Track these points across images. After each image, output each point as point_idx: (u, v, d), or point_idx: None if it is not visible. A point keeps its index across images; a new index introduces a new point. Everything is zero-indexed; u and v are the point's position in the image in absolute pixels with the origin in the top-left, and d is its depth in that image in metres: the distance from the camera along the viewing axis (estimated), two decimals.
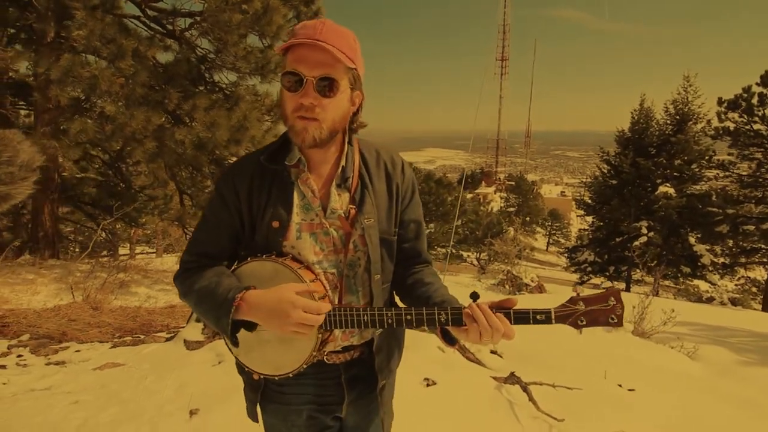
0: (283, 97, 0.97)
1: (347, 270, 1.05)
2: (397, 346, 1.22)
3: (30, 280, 5.59)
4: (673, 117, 18.21)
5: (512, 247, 13.68)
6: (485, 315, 0.90)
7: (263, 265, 1.01)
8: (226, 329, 0.95)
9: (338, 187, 1.05)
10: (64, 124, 6.18)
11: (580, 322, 0.90)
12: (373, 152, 1.12)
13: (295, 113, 0.94)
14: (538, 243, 42.36)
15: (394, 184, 1.10)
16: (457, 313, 0.94)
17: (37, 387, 2.74)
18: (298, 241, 1.02)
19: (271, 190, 1.02)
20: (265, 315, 0.93)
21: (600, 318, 0.90)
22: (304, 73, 0.92)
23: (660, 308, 5.56)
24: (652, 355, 4.54)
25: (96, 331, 4.23)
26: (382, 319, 0.96)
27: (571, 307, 0.90)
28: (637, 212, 18.11)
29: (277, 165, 1.02)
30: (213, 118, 6.12)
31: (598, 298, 0.90)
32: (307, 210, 1.03)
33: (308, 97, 0.92)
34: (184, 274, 1.06)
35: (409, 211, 1.15)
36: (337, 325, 0.98)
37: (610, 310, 0.90)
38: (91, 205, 9.94)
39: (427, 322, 0.95)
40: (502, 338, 0.90)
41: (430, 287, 1.08)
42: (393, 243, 1.11)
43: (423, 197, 26.78)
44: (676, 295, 15.18)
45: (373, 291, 1.07)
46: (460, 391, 2.85)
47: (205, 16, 6.38)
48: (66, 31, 6.10)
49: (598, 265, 19.14)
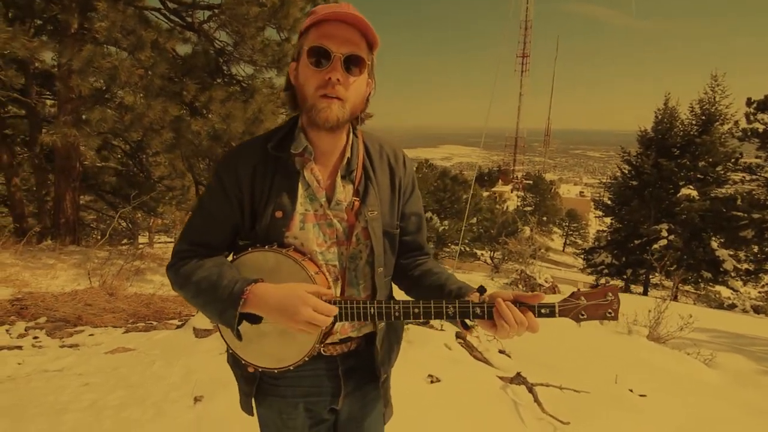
0: (303, 75, 0.94)
1: (349, 262, 1.04)
2: (396, 339, 1.21)
3: (50, 264, 5.75)
4: (699, 117, 17.64)
5: (527, 247, 13.51)
6: (511, 310, 0.91)
7: (265, 256, 0.98)
8: (231, 322, 0.92)
9: (343, 178, 1.03)
10: (85, 113, 6.32)
11: (581, 315, 0.96)
12: (376, 145, 1.10)
13: (319, 91, 0.92)
14: (554, 243, 41.77)
15: (396, 177, 1.09)
16: (465, 306, 0.94)
17: (51, 368, 2.82)
18: (302, 231, 1.00)
19: (274, 178, 0.99)
20: (274, 309, 0.91)
21: (598, 312, 0.96)
22: (333, 49, 0.90)
23: (677, 313, 5.42)
24: (666, 360, 4.43)
25: (110, 316, 4.33)
26: (390, 312, 0.96)
27: (574, 302, 0.96)
28: (657, 214, 17.66)
29: (282, 153, 1.00)
30: (229, 110, 6.18)
31: (598, 293, 0.96)
32: (312, 200, 1.01)
33: (336, 72, 0.90)
34: (178, 264, 1.01)
35: (410, 204, 1.14)
36: (343, 318, 0.96)
37: (608, 305, 0.96)
38: (111, 194, 10.20)
39: (435, 315, 0.95)
40: (527, 331, 0.92)
41: (440, 275, 1.08)
42: (395, 236, 1.10)
43: (438, 194, 26.65)
44: (697, 301, 14.76)
45: (376, 284, 1.06)
46: (464, 389, 2.82)
47: (223, 8, 6.43)
48: (89, 23, 6.24)
49: (615, 268, 18.76)
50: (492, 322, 0.93)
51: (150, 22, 6.52)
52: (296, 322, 0.89)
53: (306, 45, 0.93)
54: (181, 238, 1.04)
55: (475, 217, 25.31)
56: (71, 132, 5.75)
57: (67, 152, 7.01)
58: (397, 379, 2.73)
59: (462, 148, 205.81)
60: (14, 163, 7.89)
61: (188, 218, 1.07)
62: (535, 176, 53.50)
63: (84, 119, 6.29)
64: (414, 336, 3.67)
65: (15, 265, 5.37)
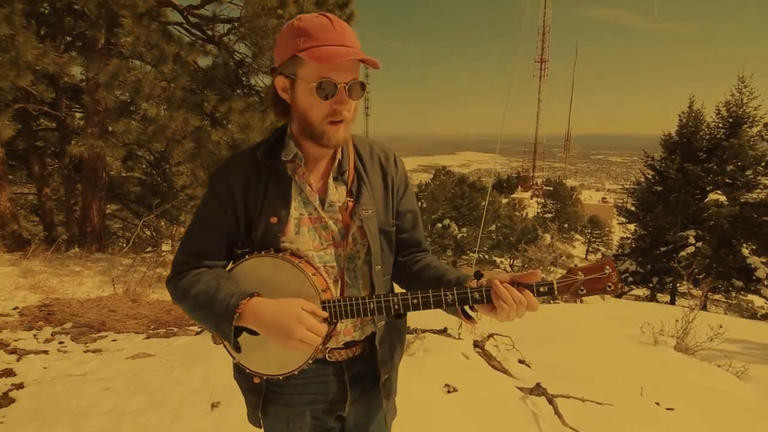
0: (310, 103, 0.95)
1: (347, 263, 1.04)
2: (399, 339, 1.19)
3: (77, 271, 5.94)
4: (726, 120, 17.06)
5: (547, 254, 13.27)
6: (509, 290, 0.92)
7: (263, 262, 0.99)
8: (228, 335, 0.93)
9: (335, 180, 1.05)
10: (111, 125, 6.55)
11: (581, 291, 0.95)
12: (366, 147, 1.12)
13: (327, 119, 0.95)
14: (576, 251, 40.85)
15: (389, 176, 1.11)
16: (463, 292, 0.94)
17: (74, 373, 2.90)
18: (297, 236, 1.01)
19: (267, 185, 1.01)
20: (269, 326, 0.91)
21: (598, 286, 0.95)
22: (337, 80, 0.92)
23: (706, 323, 5.21)
24: (695, 372, 4.24)
25: (133, 322, 4.43)
26: (389, 305, 0.96)
27: (572, 278, 0.95)
28: (683, 221, 17.09)
29: (273, 160, 1.02)
30: (247, 120, 6.31)
31: (595, 267, 0.95)
32: (306, 204, 1.02)
33: (344, 104, 0.94)
34: (177, 277, 1.02)
35: (404, 201, 1.15)
36: (343, 316, 0.96)
37: (606, 278, 0.94)
38: (136, 203, 10.51)
39: (434, 304, 0.95)
40: (527, 311, 0.93)
41: (438, 268, 1.10)
42: (392, 234, 1.11)
43: (456, 201, 26.48)
44: (727, 311, 14.18)
45: (374, 282, 1.06)
46: (481, 400, 2.76)
47: (242, 21, 6.59)
48: (115, 38, 6.49)
49: (640, 276, 18.19)
50: (492, 306, 0.93)
51: (172, 36, 6.74)
52: (290, 339, 0.89)
53: (307, 73, 0.93)
54: (179, 251, 1.05)
55: (494, 224, 25.03)
56: (97, 143, 5.96)
57: (93, 163, 7.26)
58: (412, 388, 2.70)
59: (480, 154, 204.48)
60: (45, 173, 8.21)
61: (185, 231, 1.08)
62: (556, 182, 52.62)
63: (110, 131, 6.52)
64: (431, 344, 3.62)
65: (44, 272, 5.56)
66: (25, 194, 10.65)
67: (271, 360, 1.00)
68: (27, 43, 5.17)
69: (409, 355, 3.36)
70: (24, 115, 7.15)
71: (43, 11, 7.00)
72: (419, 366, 3.10)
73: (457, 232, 23.19)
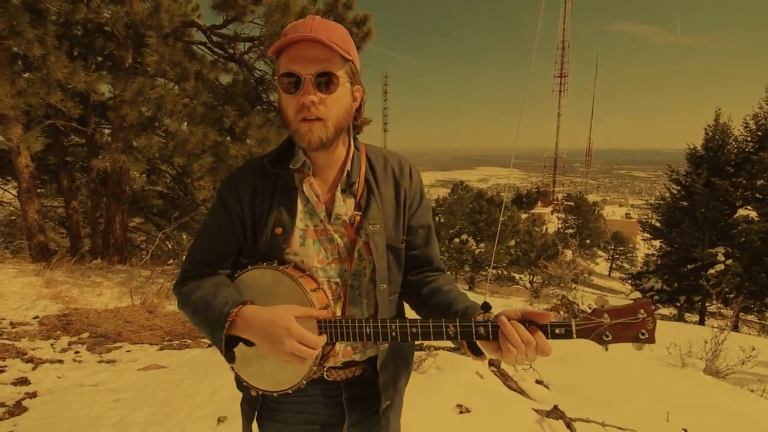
0: (283, 101, 0.93)
1: (352, 280, 1.00)
2: (405, 364, 1.13)
3: (97, 282, 6.08)
4: (755, 133, 16.49)
5: (568, 271, 12.93)
6: (517, 329, 0.81)
7: (263, 274, 0.96)
8: (219, 344, 0.90)
9: (343, 192, 1.00)
10: (134, 140, 6.77)
11: (606, 337, 0.78)
12: (380, 158, 1.07)
13: (298, 115, 0.90)
14: (599, 268, 39.74)
15: (402, 190, 1.05)
16: (467, 326, 0.85)
17: (86, 383, 2.92)
18: (302, 248, 0.98)
19: (274, 195, 0.98)
20: (259, 336, 0.88)
21: (628, 333, 0.78)
22: (300, 71, 0.87)
23: (738, 345, 4.93)
24: (726, 397, 4.00)
25: (148, 334, 4.48)
26: (386, 332, 0.89)
27: (595, 320, 0.79)
28: (711, 237, 16.44)
29: (281, 168, 0.99)
30: (264, 134, 6.42)
31: (626, 310, 0.78)
32: (311, 215, 0.99)
33: (308, 95, 0.88)
34: (182, 283, 1.02)
35: (417, 216, 1.08)
36: (338, 338, 0.91)
37: (639, 324, 0.77)
38: (158, 216, 10.78)
39: (435, 336, 0.87)
40: (538, 354, 0.81)
41: (449, 294, 1.00)
42: (401, 251, 1.05)
43: (474, 216, 26.23)
44: (761, 332, 13.46)
45: (378, 302, 1.00)
46: (495, 422, 2.65)
47: (262, 39, 6.78)
48: (141, 57, 6.75)
49: (666, 294, 17.50)
50: (498, 345, 0.83)
51: (195, 54, 6.97)
52: (281, 352, 0.85)
53: (279, 70, 0.91)
54: (186, 258, 1.05)
55: (513, 240, 24.63)
56: (120, 157, 6.15)
57: (117, 177, 7.50)
58: (422, 407, 2.61)
59: (499, 169, 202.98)
60: (73, 187, 8.52)
61: (194, 239, 1.07)
62: (577, 197, 51.63)
63: (133, 146, 6.73)
64: (444, 362, 3.52)
65: (66, 282, 5.71)
66: (54, 207, 11.05)
67: (266, 377, 0.98)
68: (58, 63, 5.42)
69: (420, 373, 3.27)
70: (54, 131, 7.48)
71: (76, 33, 7.37)
72: (431, 384, 3.01)
73: (474, 247, 22.90)
